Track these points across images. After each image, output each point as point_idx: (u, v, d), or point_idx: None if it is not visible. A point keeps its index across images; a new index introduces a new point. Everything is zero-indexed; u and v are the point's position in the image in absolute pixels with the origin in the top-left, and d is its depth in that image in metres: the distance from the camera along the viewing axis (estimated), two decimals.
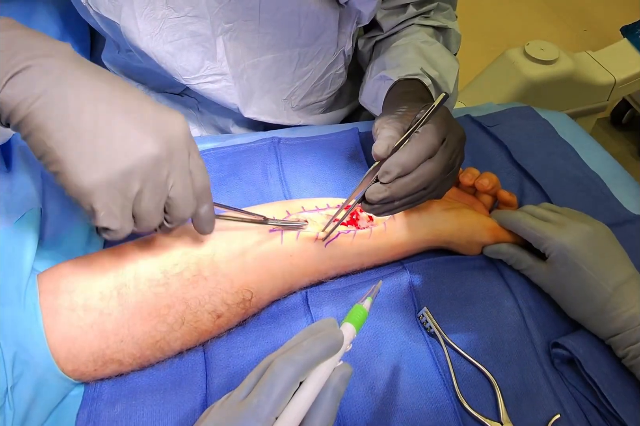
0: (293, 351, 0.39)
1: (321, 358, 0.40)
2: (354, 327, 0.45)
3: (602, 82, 1.50)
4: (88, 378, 0.49)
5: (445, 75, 0.75)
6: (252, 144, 0.76)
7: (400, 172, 0.52)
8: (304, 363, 0.38)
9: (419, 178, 0.53)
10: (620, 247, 0.57)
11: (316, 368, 0.40)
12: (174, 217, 0.45)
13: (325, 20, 0.74)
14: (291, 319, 0.57)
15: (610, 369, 0.52)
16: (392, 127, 0.54)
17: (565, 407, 0.52)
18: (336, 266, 0.59)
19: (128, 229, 0.43)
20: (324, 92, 0.85)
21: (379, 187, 0.53)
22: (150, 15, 0.67)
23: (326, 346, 0.40)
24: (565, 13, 2.51)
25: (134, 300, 0.49)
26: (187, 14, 0.68)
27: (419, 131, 0.54)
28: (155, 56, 0.70)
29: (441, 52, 0.78)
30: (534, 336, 0.57)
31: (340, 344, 0.42)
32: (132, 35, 0.67)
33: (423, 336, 0.57)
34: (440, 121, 0.55)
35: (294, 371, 0.38)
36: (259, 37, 0.74)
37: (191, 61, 0.72)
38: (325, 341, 0.40)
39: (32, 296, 0.47)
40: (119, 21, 0.66)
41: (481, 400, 0.52)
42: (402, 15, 0.81)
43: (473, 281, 0.61)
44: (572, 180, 0.75)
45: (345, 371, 0.41)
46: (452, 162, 0.57)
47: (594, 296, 0.53)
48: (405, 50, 0.77)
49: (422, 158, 0.53)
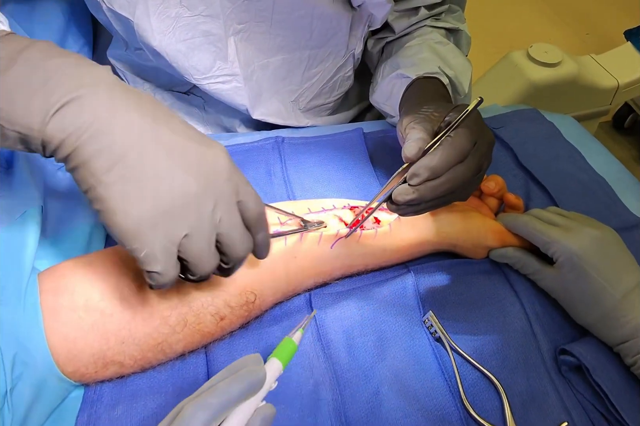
0: (207, 394, 0.37)
1: (238, 399, 0.38)
2: (280, 363, 0.43)
3: (606, 85, 1.50)
4: (88, 380, 0.49)
5: (459, 75, 0.75)
6: (255, 143, 0.76)
7: (430, 175, 0.52)
8: (218, 406, 0.36)
9: (448, 182, 0.53)
10: (628, 252, 0.56)
11: (235, 410, 0.38)
12: (230, 255, 0.43)
13: (338, 23, 0.74)
14: (294, 322, 0.56)
15: (618, 377, 0.51)
16: (421, 128, 0.54)
17: (572, 414, 0.51)
18: (341, 267, 0.59)
19: (173, 273, 0.40)
20: (332, 94, 0.85)
21: (407, 189, 0.52)
22: (164, 13, 0.66)
23: (244, 386, 0.38)
24: (568, 16, 2.51)
25: (136, 301, 0.48)
26: (200, 13, 0.68)
27: (452, 134, 0.53)
28: (167, 55, 0.69)
29: (454, 52, 0.78)
30: (541, 342, 0.56)
31: (261, 383, 0.40)
32: (145, 33, 0.67)
33: (428, 340, 0.56)
34: (473, 125, 0.55)
35: (206, 416, 0.36)
36: (270, 39, 0.74)
37: (203, 61, 0.72)
38: (244, 380, 0.39)
39: (33, 295, 0.46)
40: (133, 18, 0.66)
41: (487, 407, 0.51)
42: (414, 18, 0.81)
43: (479, 285, 0.61)
44: (579, 184, 0.74)
45: (267, 413, 0.39)
46: (480, 165, 0.56)
47: (602, 302, 0.53)
48: (420, 50, 0.76)
49: (453, 163, 0.53)
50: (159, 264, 0.39)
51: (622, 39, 1.59)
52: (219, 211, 0.41)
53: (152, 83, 0.80)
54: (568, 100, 1.50)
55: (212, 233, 0.41)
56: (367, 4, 0.72)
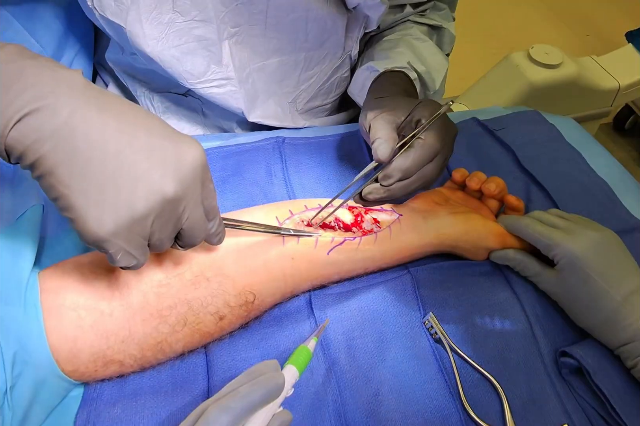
0: (229, 397, 0.38)
1: (259, 404, 0.39)
2: (296, 369, 0.44)
3: (606, 87, 1.50)
4: (88, 379, 0.49)
5: (433, 72, 0.76)
6: (256, 143, 0.76)
7: (402, 177, 0.54)
8: (240, 410, 0.38)
9: (418, 181, 0.56)
10: (629, 255, 0.56)
11: (255, 415, 0.39)
12: (186, 243, 0.45)
13: (333, 25, 0.74)
14: (294, 323, 0.56)
15: (619, 380, 0.51)
16: (387, 125, 0.56)
17: (572, 417, 0.51)
18: (339, 271, 0.58)
19: (144, 261, 0.42)
20: (329, 95, 0.85)
21: (377, 188, 0.55)
22: (157, 19, 0.66)
23: (265, 392, 0.39)
24: (569, 17, 2.51)
25: (136, 300, 0.48)
26: (193, 18, 0.67)
27: (422, 136, 0.55)
28: (160, 60, 0.69)
29: (432, 49, 0.79)
30: (541, 344, 0.56)
31: (280, 389, 0.41)
32: (138, 40, 0.67)
33: (428, 342, 0.56)
34: (441, 125, 0.57)
35: (229, 420, 0.37)
36: (265, 41, 0.73)
37: (197, 65, 0.71)
38: (264, 386, 0.40)
39: (33, 294, 0.46)
40: (125, 25, 0.65)
41: (487, 409, 0.51)
42: (399, 15, 0.82)
43: (479, 287, 0.61)
44: (579, 186, 0.74)
45: (284, 419, 0.40)
46: (446, 158, 0.60)
47: (602, 305, 0.53)
48: (395, 44, 0.78)
49: (424, 164, 0.56)
50: (134, 260, 0.41)
51: (623, 40, 1.59)
52: (188, 210, 0.42)
53: (150, 85, 0.80)
54: (568, 101, 1.50)
55: (176, 228, 0.42)
56: (362, 5, 0.72)
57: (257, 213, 0.57)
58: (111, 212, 0.38)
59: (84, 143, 0.37)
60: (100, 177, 0.37)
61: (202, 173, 0.42)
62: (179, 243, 0.45)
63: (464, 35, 0.85)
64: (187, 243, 0.45)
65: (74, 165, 0.37)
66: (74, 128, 0.37)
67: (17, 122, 0.36)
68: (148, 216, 0.39)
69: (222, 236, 0.49)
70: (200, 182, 0.42)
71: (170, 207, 0.40)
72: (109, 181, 0.38)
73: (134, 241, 0.40)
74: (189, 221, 0.42)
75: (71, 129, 0.37)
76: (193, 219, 0.43)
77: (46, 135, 0.36)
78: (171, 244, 0.44)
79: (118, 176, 0.38)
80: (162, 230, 0.41)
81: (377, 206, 0.61)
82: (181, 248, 0.46)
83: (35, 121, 0.36)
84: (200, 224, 0.44)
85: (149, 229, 0.40)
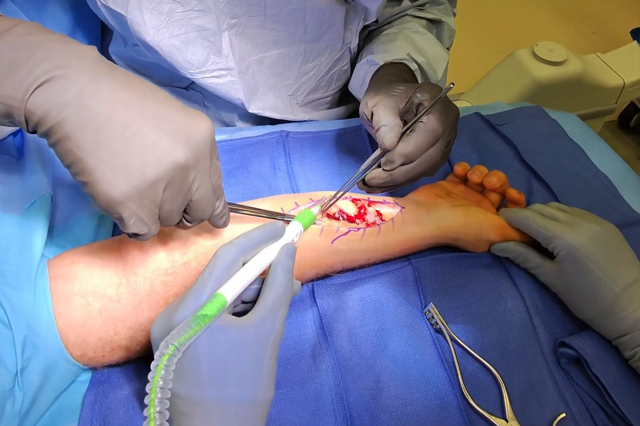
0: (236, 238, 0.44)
1: (262, 239, 0.45)
2: (300, 224, 0.50)
3: (611, 84, 1.50)
4: (96, 364, 0.50)
5: (433, 63, 0.76)
6: (260, 137, 0.76)
7: (404, 161, 0.54)
8: (245, 244, 0.43)
9: (420, 165, 0.56)
10: (629, 248, 0.57)
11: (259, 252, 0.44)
12: (194, 217, 0.46)
13: (332, 16, 0.74)
14: (297, 312, 0.57)
15: (617, 369, 0.52)
16: (390, 111, 0.56)
17: (570, 406, 0.52)
18: (343, 261, 0.59)
19: (155, 231, 0.43)
20: (329, 88, 0.85)
21: (380, 173, 0.56)
22: (157, 8, 0.67)
23: (265, 231, 0.45)
24: (574, 15, 2.51)
25: (142, 288, 0.49)
26: (193, 8, 0.68)
27: (424, 120, 0.55)
28: (161, 50, 0.70)
29: (431, 42, 0.79)
30: (541, 334, 0.57)
31: (280, 231, 0.46)
32: (139, 29, 0.67)
33: (429, 331, 0.57)
34: (441, 108, 0.57)
35: (235, 251, 0.43)
36: (264, 33, 0.74)
37: (197, 55, 0.72)
38: (265, 227, 0.45)
39: (43, 281, 0.47)
40: (126, 14, 0.66)
41: (486, 397, 0.52)
42: (397, 8, 0.82)
43: (480, 278, 0.61)
44: (581, 181, 0.75)
45: (289, 247, 0.45)
46: (449, 141, 0.60)
47: (601, 296, 0.53)
48: (394, 38, 0.78)
49: (426, 148, 0.56)
50: (146, 227, 0.42)
51: (628, 38, 1.58)
52: (197, 180, 0.43)
53: (152, 79, 0.80)
54: (573, 98, 1.50)
55: (187, 199, 0.43)
56: None
57: (263, 204, 0.58)
58: (124, 175, 0.39)
59: (99, 111, 0.38)
60: (114, 143, 0.39)
61: (211, 146, 0.43)
62: (187, 217, 0.45)
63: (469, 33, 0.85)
64: (195, 217, 0.45)
65: (90, 131, 0.38)
66: (90, 96, 0.38)
67: (36, 88, 0.37)
68: (160, 181, 0.40)
69: (227, 219, 0.49)
70: (209, 155, 0.43)
71: (181, 175, 0.41)
72: (122, 148, 0.39)
73: (146, 206, 0.40)
74: (198, 191, 0.43)
75: (87, 97, 0.38)
76: (202, 191, 0.43)
77: (64, 101, 0.38)
78: (180, 219, 0.45)
79: (131, 143, 0.39)
80: (173, 200, 0.42)
81: (380, 199, 0.61)
82: (188, 222, 0.46)
83: (54, 89, 0.38)
84: (208, 198, 0.45)
85: (161, 196, 0.41)
